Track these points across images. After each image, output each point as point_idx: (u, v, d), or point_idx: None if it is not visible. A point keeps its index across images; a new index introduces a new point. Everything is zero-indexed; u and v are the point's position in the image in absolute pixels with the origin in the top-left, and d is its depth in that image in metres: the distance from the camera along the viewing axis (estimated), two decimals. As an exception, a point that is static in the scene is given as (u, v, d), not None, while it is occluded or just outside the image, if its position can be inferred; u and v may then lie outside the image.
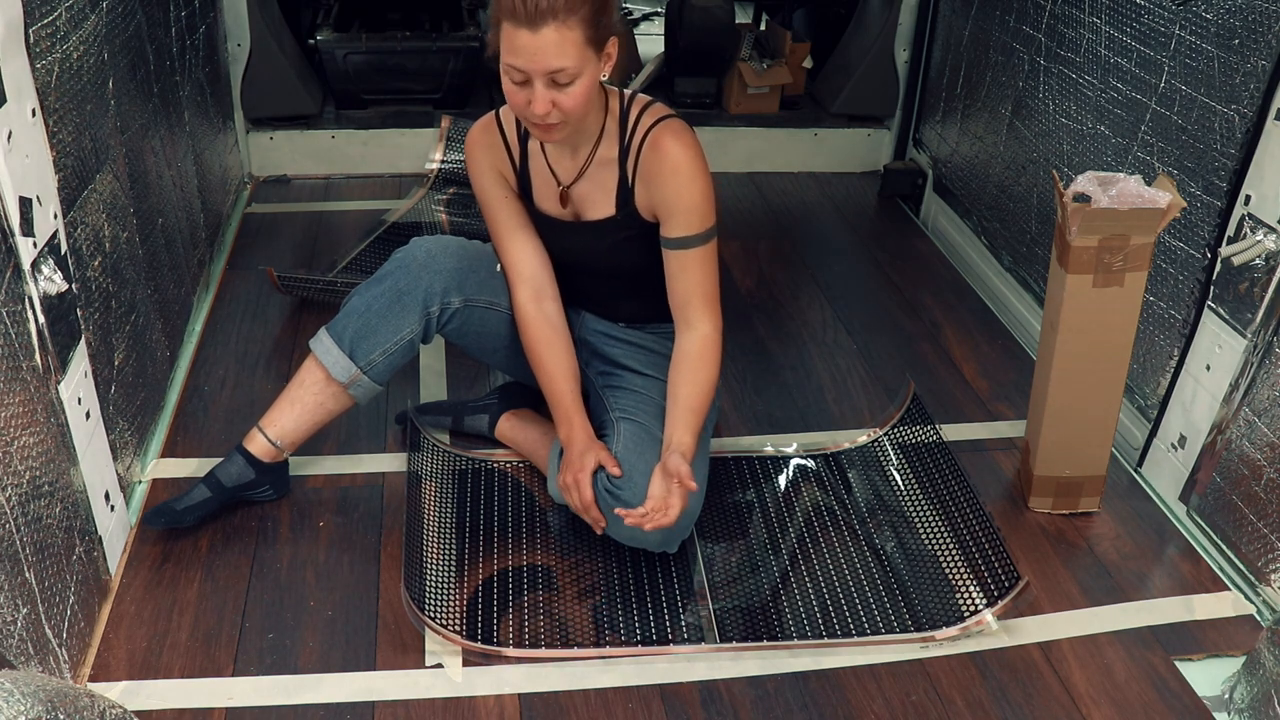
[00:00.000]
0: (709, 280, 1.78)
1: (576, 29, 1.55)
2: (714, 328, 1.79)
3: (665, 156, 1.71)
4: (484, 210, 1.90)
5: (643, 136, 1.73)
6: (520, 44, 1.54)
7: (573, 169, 1.80)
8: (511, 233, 1.87)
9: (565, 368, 1.86)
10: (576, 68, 1.57)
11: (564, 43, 1.54)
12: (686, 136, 1.73)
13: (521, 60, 1.55)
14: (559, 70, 1.56)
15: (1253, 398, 1.78)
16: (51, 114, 1.56)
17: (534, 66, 1.55)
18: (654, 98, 1.80)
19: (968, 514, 1.90)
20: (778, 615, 1.73)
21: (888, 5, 3.37)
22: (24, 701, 0.98)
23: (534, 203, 1.87)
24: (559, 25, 1.53)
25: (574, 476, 1.76)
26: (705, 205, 1.74)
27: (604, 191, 1.80)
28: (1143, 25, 2.11)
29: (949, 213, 3.11)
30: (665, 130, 1.72)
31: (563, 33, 1.54)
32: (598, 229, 1.83)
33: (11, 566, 1.31)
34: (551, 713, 1.55)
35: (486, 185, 1.87)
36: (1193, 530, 1.95)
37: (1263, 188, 1.78)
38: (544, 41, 1.53)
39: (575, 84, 1.59)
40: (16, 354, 1.38)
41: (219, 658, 1.61)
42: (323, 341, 1.83)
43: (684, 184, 1.72)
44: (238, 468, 1.84)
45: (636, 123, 1.75)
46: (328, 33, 3.45)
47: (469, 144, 1.88)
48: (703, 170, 1.73)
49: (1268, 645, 1.50)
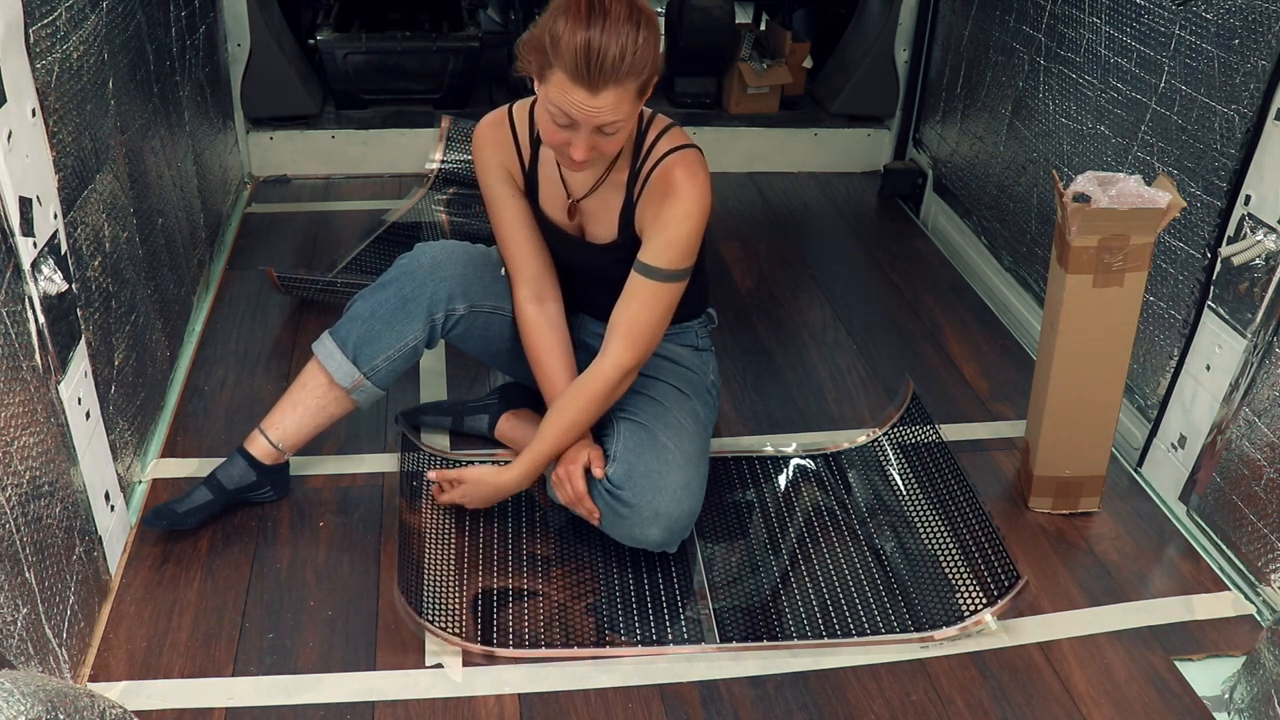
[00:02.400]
0: (649, 316, 1.73)
1: (632, 87, 1.54)
2: (617, 365, 1.73)
3: (671, 187, 1.69)
4: (488, 206, 1.89)
5: (655, 163, 1.72)
6: (575, 99, 1.52)
7: (584, 184, 1.80)
8: (515, 231, 1.86)
9: (563, 369, 1.85)
10: (627, 120, 1.57)
11: (620, 102, 1.53)
12: (698, 173, 1.70)
13: (574, 113, 1.54)
14: (611, 124, 1.55)
15: (1253, 398, 1.78)
16: (51, 114, 1.56)
17: (586, 121, 1.54)
18: (673, 121, 1.77)
19: (967, 514, 1.91)
20: (778, 615, 1.73)
21: (888, 5, 3.37)
22: (24, 701, 0.98)
23: (539, 206, 1.87)
24: (617, 88, 1.52)
25: (566, 469, 1.77)
26: (688, 246, 1.71)
27: (609, 212, 1.79)
28: (1143, 25, 2.11)
29: (949, 213, 3.11)
30: (678, 162, 1.70)
31: (619, 94, 1.52)
32: (599, 252, 1.83)
33: (11, 566, 1.31)
34: (551, 713, 1.55)
35: (493, 182, 1.86)
36: (1193, 530, 1.95)
37: (1263, 188, 1.78)
38: (602, 103, 1.52)
39: (620, 131, 1.59)
40: (16, 354, 1.38)
41: (219, 658, 1.61)
42: (325, 345, 1.82)
43: (678, 218, 1.69)
44: (239, 469, 1.84)
45: (652, 147, 1.73)
46: (328, 33, 3.45)
47: (477, 137, 1.85)
48: (701, 211, 1.70)
49: (1268, 645, 1.50)
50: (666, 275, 1.72)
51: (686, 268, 1.73)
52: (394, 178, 3.37)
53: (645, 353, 1.77)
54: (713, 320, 2.08)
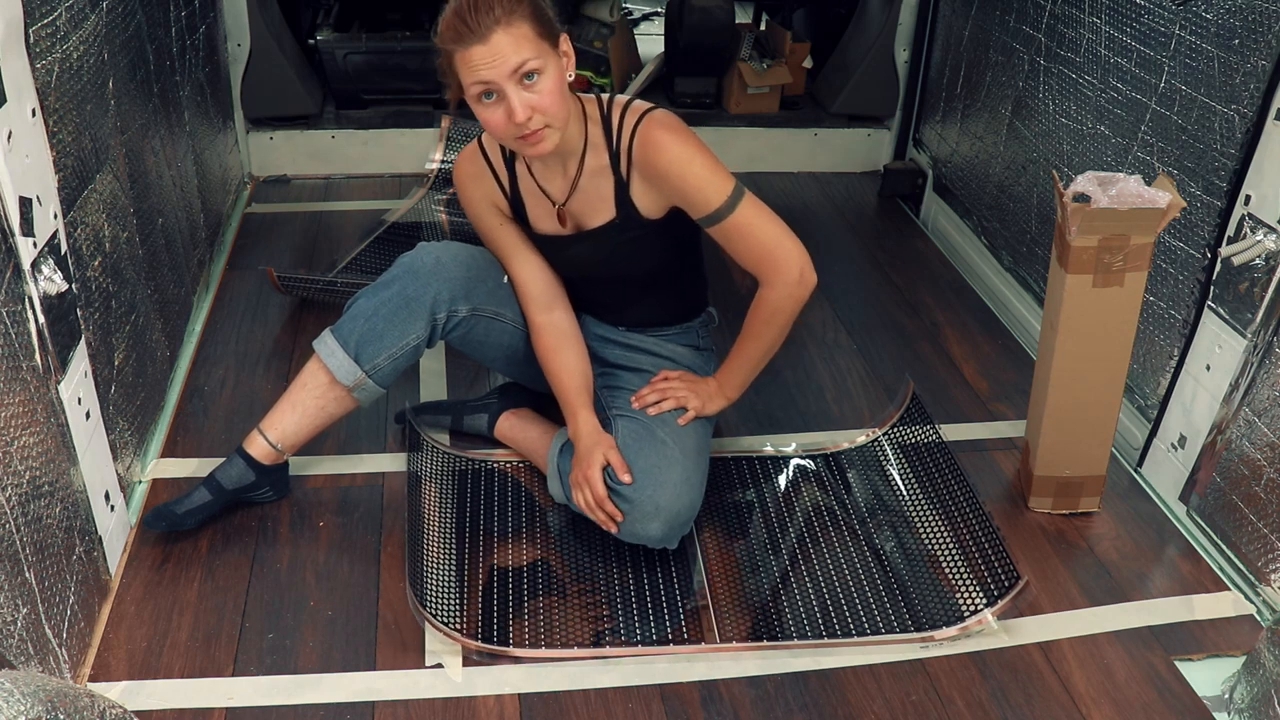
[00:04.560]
0: (759, 240, 1.74)
1: (523, 24, 1.56)
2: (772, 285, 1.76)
3: (658, 149, 1.71)
4: (483, 239, 1.93)
5: (630, 137, 1.73)
6: (477, 59, 1.55)
7: (565, 185, 1.80)
8: (514, 254, 1.89)
9: (572, 368, 1.86)
10: (538, 59, 1.58)
11: (517, 39, 1.56)
12: (671, 122, 1.73)
13: (485, 71, 1.56)
14: (522, 65, 1.56)
15: (1253, 398, 1.78)
16: (51, 114, 1.56)
17: (498, 71, 1.56)
18: (629, 98, 1.79)
19: (967, 514, 1.91)
20: (778, 615, 1.73)
21: (888, 5, 3.37)
22: (24, 701, 0.98)
23: (530, 226, 1.87)
24: (505, 27, 1.55)
25: (584, 474, 1.76)
26: (714, 178, 1.72)
27: (601, 199, 1.80)
28: (1143, 25, 2.11)
29: (949, 213, 3.11)
30: (650, 124, 1.72)
31: (511, 32, 1.55)
32: (598, 236, 1.83)
33: (11, 566, 1.31)
34: (551, 713, 1.55)
35: (481, 214, 1.89)
36: (1193, 530, 1.95)
37: (1263, 188, 1.78)
38: (498, 45, 1.55)
39: (544, 79, 1.59)
40: (16, 354, 1.38)
41: (219, 658, 1.61)
42: (327, 344, 1.82)
43: (684, 168, 1.71)
44: (238, 470, 1.84)
45: (621, 124, 1.75)
46: (328, 33, 3.45)
47: (458, 178, 1.89)
48: (698, 148, 1.72)
49: (1268, 645, 1.50)
50: (730, 206, 1.72)
51: (734, 186, 1.73)
52: (394, 178, 3.37)
53: (790, 259, 1.74)
54: (713, 319, 2.09)
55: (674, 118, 1.75)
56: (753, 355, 1.86)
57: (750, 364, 1.87)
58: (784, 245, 1.74)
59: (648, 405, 1.84)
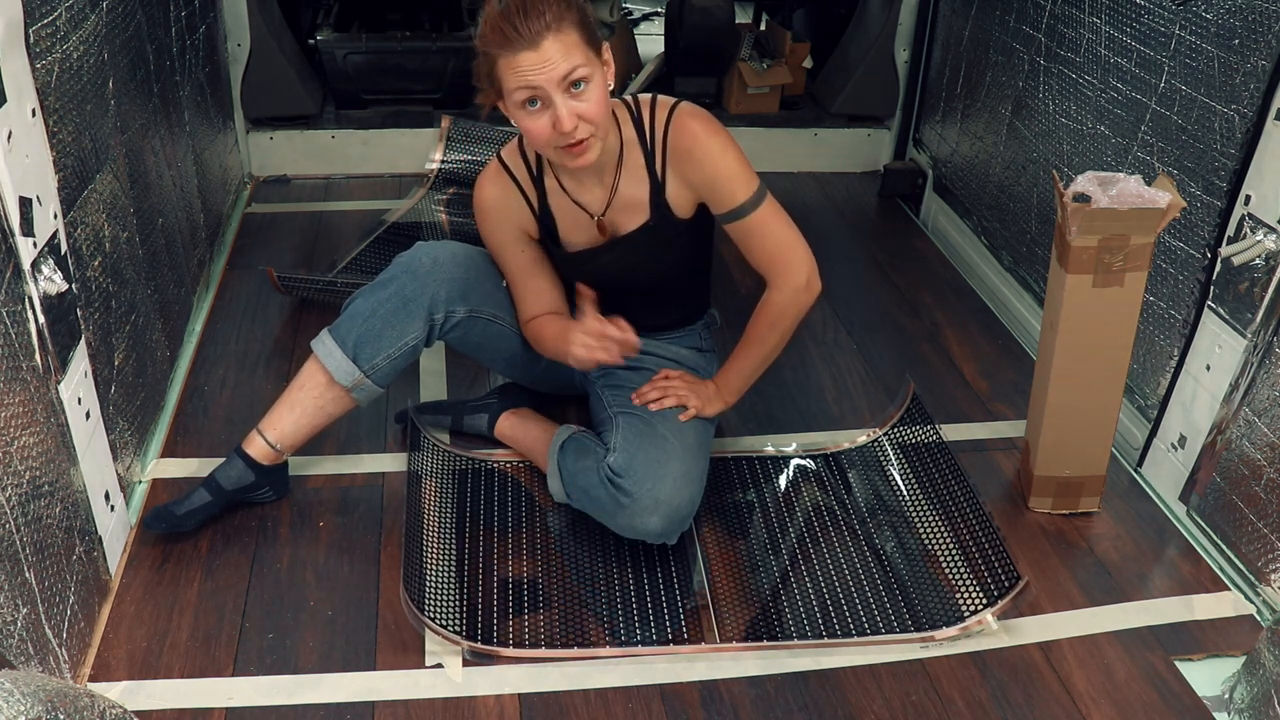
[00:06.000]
0: (776, 240, 1.77)
1: (573, 31, 1.55)
2: (780, 289, 1.79)
3: (694, 138, 1.72)
4: (497, 260, 1.90)
5: (664, 131, 1.74)
6: (525, 65, 1.54)
7: (603, 195, 1.79)
8: (526, 281, 1.88)
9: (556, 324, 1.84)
10: (587, 67, 1.57)
11: (567, 46, 1.55)
12: (703, 114, 1.75)
13: (534, 78, 1.54)
14: (571, 73, 1.55)
15: (1253, 398, 1.78)
16: (51, 114, 1.56)
17: (548, 78, 1.54)
18: (654, 94, 1.79)
19: (967, 514, 1.91)
20: (778, 615, 1.73)
21: (888, 5, 3.37)
22: (24, 701, 0.98)
23: (561, 245, 1.86)
24: (555, 34, 1.53)
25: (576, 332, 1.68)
26: (744, 171, 1.74)
27: (636, 202, 1.80)
28: (1143, 25, 2.11)
29: (949, 213, 3.11)
30: (682, 115, 1.74)
31: (561, 39, 1.54)
32: (631, 241, 1.82)
33: (11, 566, 1.31)
34: (551, 713, 1.55)
35: (505, 244, 1.86)
36: (1193, 530, 1.95)
37: (1263, 188, 1.78)
38: (549, 53, 1.53)
39: (591, 87, 1.59)
40: (16, 354, 1.38)
41: (219, 658, 1.61)
42: (325, 344, 1.82)
43: (719, 158, 1.72)
44: (237, 471, 1.84)
45: (653, 121, 1.75)
46: (328, 33, 3.45)
47: (481, 204, 1.85)
48: (730, 141, 1.74)
49: (1268, 645, 1.50)
50: (754, 203, 1.74)
51: (760, 185, 1.75)
52: (394, 178, 3.37)
53: (800, 264, 1.78)
54: (715, 321, 2.09)
55: (702, 109, 1.76)
56: (753, 360, 1.86)
57: (750, 368, 1.88)
58: (797, 250, 1.78)
59: (648, 402, 1.84)
